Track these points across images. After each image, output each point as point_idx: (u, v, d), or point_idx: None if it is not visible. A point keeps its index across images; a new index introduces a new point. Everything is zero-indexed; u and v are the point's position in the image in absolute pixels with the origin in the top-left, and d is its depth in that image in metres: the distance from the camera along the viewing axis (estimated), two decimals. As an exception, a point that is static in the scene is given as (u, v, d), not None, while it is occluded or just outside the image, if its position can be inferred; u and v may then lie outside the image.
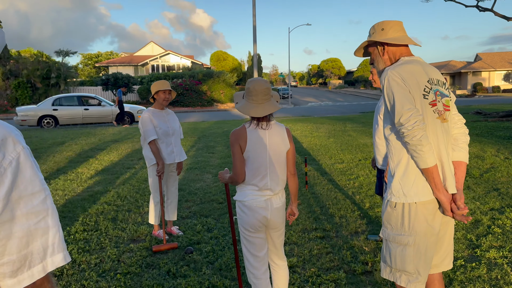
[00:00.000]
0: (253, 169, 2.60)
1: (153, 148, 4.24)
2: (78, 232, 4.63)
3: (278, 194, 2.69)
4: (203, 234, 4.49)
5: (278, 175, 2.65)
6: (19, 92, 29.31)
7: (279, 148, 2.65)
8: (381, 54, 2.28)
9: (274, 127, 2.66)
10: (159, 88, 4.27)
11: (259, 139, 2.60)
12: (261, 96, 2.59)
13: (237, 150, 2.60)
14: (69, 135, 13.14)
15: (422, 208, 2.06)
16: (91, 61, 65.50)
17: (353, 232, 4.52)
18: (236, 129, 2.64)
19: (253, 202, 2.61)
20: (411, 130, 1.95)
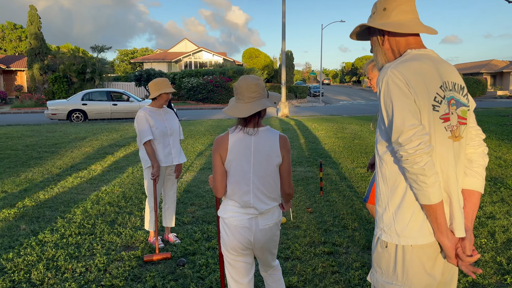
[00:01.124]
0: (233, 182, 2.23)
1: (148, 150, 3.94)
2: (72, 235, 4.40)
3: (267, 214, 2.28)
4: (201, 243, 4.16)
5: (264, 192, 2.24)
6: (55, 86, 30.09)
7: (267, 159, 2.22)
8: (380, 43, 1.76)
9: (264, 134, 2.24)
10: (163, 90, 3.94)
11: (242, 147, 2.20)
12: (246, 93, 2.18)
13: (217, 160, 2.24)
14: (92, 130, 13.17)
15: (419, 252, 1.60)
16: (127, 57, 66.79)
17: (366, 247, 4.06)
18: (219, 136, 2.28)
19: (234, 220, 2.24)
20: (413, 155, 1.48)
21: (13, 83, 37.45)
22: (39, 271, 3.57)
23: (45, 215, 5.07)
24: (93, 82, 30.59)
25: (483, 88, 41.99)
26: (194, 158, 8.63)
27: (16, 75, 37.90)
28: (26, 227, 4.64)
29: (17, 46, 53.30)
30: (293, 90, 37.32)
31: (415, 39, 1.71)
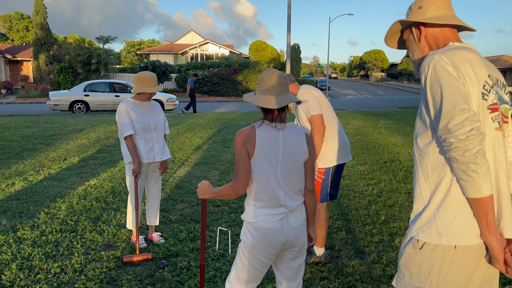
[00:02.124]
0: (261, 180, 2.07)
1: (128, 145, 3.72)
2: (53, 232, 4.22)
3: (296, 210, 2.14)
4: (185, 244, 3.95)
5: (294, 188, 2.12)
6: (61, 77, 30.01)
7: (295, 155, 2.11)
8: (417, 39, 1.69)
9: (290, 129, 2.13)
10: (144, 89, 3.70)
11: (272, 143, 2.06)
12: (277, 86, 2.08)
13: (243, 155, 2.06)
14: (91, 122, 13.01)
15: (462, 254, 1.47)
16: (134, 49, 66.64)
17: (359, 251, 3.84)
18: (244, 129, 2.11)
19: (264, 223, 2.07)
20: (464, 141, 1.36)
21: (19, 73, 37.47)
22: (11, 271, 3.39)
23: (28, 210, 4.89)
24: (98, 73, 30.46)
25: (493, 84, 41.24)
26: (190, 152, 8.43)
27: (22, 65, 37.93)
28: (6, 223, 4.47)
29: (24, 36, 53.35)
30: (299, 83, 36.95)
31: (453, 34, 1.65)
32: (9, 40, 53.18)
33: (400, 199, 5.29)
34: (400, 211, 4.87)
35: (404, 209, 4.94)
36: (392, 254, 3.74)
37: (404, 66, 64.01)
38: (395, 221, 4.56)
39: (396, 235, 4.18)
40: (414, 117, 14.47)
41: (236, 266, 2.17)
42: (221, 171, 6.76)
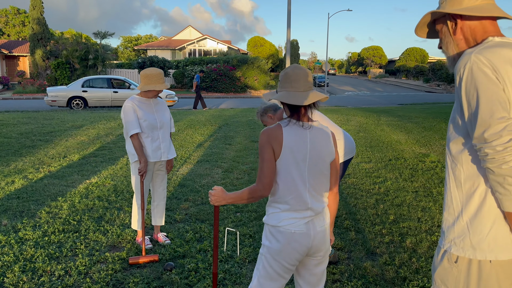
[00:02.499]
0: (288, 181, 1.96)
1: (135, 143, 3.62)
2: (56, 232, 4.11)
3: (321, 214, 2.05)
4: (192, 245, 3.86)
5: (320, 190, 2.03)
6: (58, 73, 29.76)
7: (323, 156, 2.01)
8: (451, 32, 1.55)
9: (318, 129, 2.03)
10: (152, 87, 3.58)
11: (299, 142, 1.96)
12: (303, 82, 1.98)
13: (269, 154, 1.95)
14: (90, 118, 12.87)
15: (498, 269, 1.39)
16: (131, 44, 66.25)
17: (370, 252, 3.75)
18: (269, 128, 1.99)
19: (290, 227, 1.96)
20: (502, 153, 1.28)
21: (16, 68, 37.14)
22: (14, 273, 3.29)
23: (29, 209, 4.78)
24: (95, 68, 30.24)
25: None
26: (192, 149, 8.32)
27: (19, 60, 37.60)
28: (7, 223, 4.36)
29: (20, 31, 52.92)
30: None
31: (493, 26, 1.49)
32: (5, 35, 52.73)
33: (408, 198, 5.21)
34: (409, 210, 4.79)
35: (412, 208, 4.86)
36: (404, 256, 3.66)
37: (402, 62, 63.95)
38: (404, 220, 4.47)
39: (406, 235, 4.10)
40: (415, 114, 14.41)
41: (259, 274, 2.06)
42: (225, 169, 6.66)
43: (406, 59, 65.03)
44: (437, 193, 5.42)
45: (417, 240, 3.98)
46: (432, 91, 39.93)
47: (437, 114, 14.61)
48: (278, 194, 1.98)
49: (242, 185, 5.75)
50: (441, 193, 5.40)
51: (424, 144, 8.84)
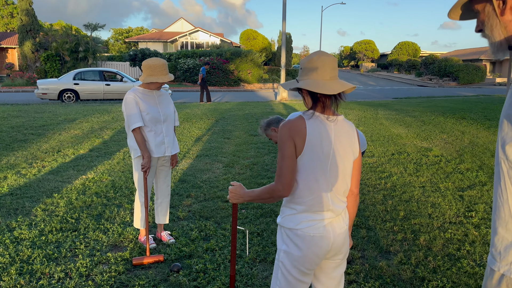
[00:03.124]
0: (309, 180, 1.79)
1: (137, 138, 3.42)
2: (53, 231, 3.90)
3: (341, 215, 1.89)
4: (198, 244, 3.68)
5: (341, 190, 1.86)
6: (48, 65, 29.24)
7: (347, 153, 1.85)
8: (498, 12, 1.30)
9: (343, 123, 1.85)
10: (155, 79, 3.37)
11: (323, 137, 1.78)
12: (329, 69, 1.78)
13: (290, 149, 1.77)
14: (83, 111, 12.57)
15: None
16: (122, 37, 65.41)
17: (383, 251, 3.61)
18: (291, 120, 1.79)
19: (309, 230, 1.79)
20: None
21: (4, 60, 36.42)
22: (11, 276, 3.09)
23: (24, 206, 4.56)
24: (86, 61, 29.73)
25: (482, 75, 41.44)
26: (191, 144, 8.12)
27: (7, 52, 36.87)
28: (1, 221, 4.14)
29: (8, 22, 51.89)
30: (291, 73, 36.62)
31: None
32: (-7, 26, 51.66)
33: (415, 194, 5.07)
34: (419, 206, 4.65)
35: (421, 204, 4.72)
36: (419, 254, 3.52)
37: (394, 56, 64.01)
38: (415, 217, 4.33)
39: (419, 232, 3.96)
40: (412, 108, 14.32)
41: (279, 283, 1.88)
42: (225, 164, 6.47)
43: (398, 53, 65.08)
44: (445, 188, 5.29)
45: (430, 238, 3.85)
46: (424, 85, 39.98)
47: (434, 108, 14.53)
48: (297, 194, 1.81)
49: (244, 180, 5.57)
50: (449, 189, 5.27)
51: (425, 138, 8.73)
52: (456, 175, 5.87)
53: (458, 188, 5.31)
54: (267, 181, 5.52)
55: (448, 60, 43.14)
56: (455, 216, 4.40)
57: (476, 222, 4.22)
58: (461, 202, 4.79)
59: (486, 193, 5.09)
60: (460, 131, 9.55)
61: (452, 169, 6.23)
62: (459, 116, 12.01)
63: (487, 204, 4.74)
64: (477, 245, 3.71)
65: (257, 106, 15.38)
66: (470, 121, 11.03)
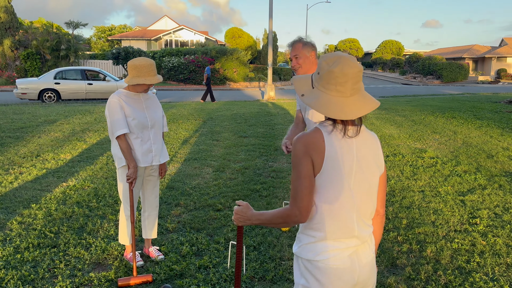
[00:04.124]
0: (330, 203, 1.53)
1: (122, 145, 3.10)
2: (30, 248, 3.56)
3: (367, 241, 1.62)
4: (190, 260, 3.38)
5: (367, 212, 1.61)
6: (28, 64, 28.45)
7: (372, 169, 1.60)
8: None
9: (365, 135, 1.60)
10: (142, 81, 3.05)
11: (344, 153, 1.52)
12: (351, 84, 1.51)
13: (307, 167, 1.50)
14: (64, 112, 12.09)
15: None
16: (104, 35, 64.28)
17: (390, 264, 3.37)
18: (307, 134, 1.53)
19: (333, 261, 1.53)
20: None
21: (-18, 59, 35.29)
22: (-20, 304, 2.75)
23: (-2, 219, 4.20)
24: (68, 59, 29.03)
25: (465, 73, 41.88)
26: (178, 147, 7.78)
27: (-15, 51, 35.71)
28: (-28, 237, 3.77)
29: (-14, 20, 50.39)
30: (277, 72, 36.38)
31: None
32: (-30, 24, 50.11)
33: (416, 199, 4.86)
34: (421, 213, 4.43)
35: (423, 210, 4.51)
36: (428, 268, 3.29)
37: (378, 55, 64.40)
38: (419, 225, 4.11)
39: (425, 243, 3.74)
40: (401, 107, 14.20)
41: None
42: (215, 168, 6.17)
43: (382, 51, 65.47)
44: (445, 192, 5.10)
45: (437, 249, 3.62)
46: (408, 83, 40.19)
47: (422, 107, 14.45)
48: (316, 219, 1.54)
49: (236, 186, 5.29)
50: (449, 193, 5.08)
51: (417, 138, 8.57)
52: (455, 178, 5.68)
53: (458, 193, 5.11)
54: (261, 187, 5.24)
55: (431, 58, 43.46)
56: (459, 223, 4.19)
57: (482, 230, 4.02)
58: (464, 208, 4.59)
59: (488, 198, 4.91)
60: (452, 131, 9.43)
61: (449, 171, 6.05)
62: (449, 115, 11.91)
63: (490, 209, 4.56)
64: (486, 256, 3.50)
65: (244, 106, 15.08)
66: (461, 121, 10.93)
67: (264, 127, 10.02)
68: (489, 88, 30.49)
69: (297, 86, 1.63)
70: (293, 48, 3.06)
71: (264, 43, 47.48)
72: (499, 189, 5.24)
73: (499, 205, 4.70)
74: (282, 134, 9.01)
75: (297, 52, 3.03)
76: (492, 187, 5.31)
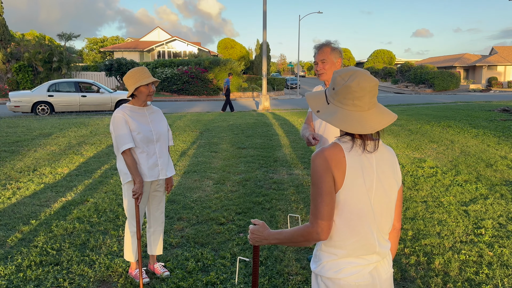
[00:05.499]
0: (352, 219, 1.51)
1: (127, 160, 3.06)
2: (32, 266, 3.48)
3: (386, 257, 1.63)
4: (196, 277, 3.32)
5: (386, 228, 1.60)
6: (20, 76, 28.29)
7: (391, 183, 1.59)
8: None
9: (382, 150, 1.60)
10: (140, 83, 3.05)
11: (365, 167, 1.51)
12: (368, 98, 1.50)
13: (328, 184, 1.48)
14: (59, 125, 11.98)
15: None
16: (96, 46, 64.23)
17: (400, 278, 3.34)
18: (327, 150, 1.50)
19: (354, 279, 1.52)
20: None
21: (-27, 72, 35.03)
22: (-17, 326, 2.67)
23: (-2, 236, 4.11)
24: (60, 71, 28.91)
25: (457, 81, 42.35)
26: (176, 159, 7.73)
27: (-23, 63, 35.47)
28: (-29, 255, 3.68)
29: (-23, 32, 50.15)
30: (270, 82, 36.53)
31: None
32: (-39, 36, 49.81)
33: (419, 210, 4.85)
34: (425, 224, 4.41)
35: (428, 221, 4.49)
36: (437, 280, 3.26)
37: (370, 64, 64.93)
38: (424, 237, 4.09)
39: (432, 254, 3.71)
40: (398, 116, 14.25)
41: None
42: (216, 181, 6.12)
43: (374, 61, 66.05)
44: (448, 203, 5.09)
45: (445, 260, 3.60)
46: (401, 92, 40.52)
47: (417, 116, 14.54)
48: (336, 236, 1.52)
49: (238, 199, 5.24)
50: (452, 203, 5.07)
51: (415, 148, 8.59)
52: (456, 188, 5.68)
53: (461, 203, 5.11)
54: (263, 199, 5.20)
55: (423, 67, 43.93)
56: (465, 234, 4.18)
57: (488, 240, 4.01)
58: (468, 218, 4.58)
59: (491, 208, 4.91)
60: (449, 140, 9.47)
61: (450, 181, 6.06)
62: (444, 125, 11.99)
63: (494, 219, 4.55)
64: (495, 267, 3.48)
65: (240, 117, 15.07)
66: (457, 130, 11.00)
67: (262, 138, 10.00)
68: (481, 96, 30.80)
69: (311, 103, 1.61)
70: (321, 51, 2.94)
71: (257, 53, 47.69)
72: (501, 199, 5.24)
73: (503, 214, 4.70)
74: (280, 145, 8.99)
75: (324, 56, 2.92)
76: (494, 197, 5.32)
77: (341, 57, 2.97)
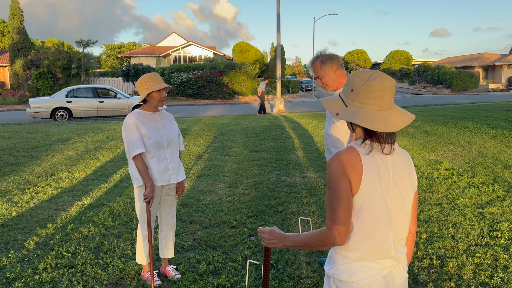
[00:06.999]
0: (368, 224, 1.51)
1: (138, 165, 3.11)
2: (48, 269, 3.56)
3: (402, 262, 1.62)
4: (207, 280, 3.35)
5: (402, 232, 1.59)
6: (40, 83, 28.90)
7: (407, 187, 1.57)
8: None
9: (398, 153, 1.59)
10: (152, 88, 3.11)
11: (381, 171, 1.51)
12: (388, 97, 1.51)
13: (345, 188, 1.48)
14: (77, 130, 12.22)
15: None
16: (114, 52, 65.26)
17: (412, 280, 3.30)
18: (342, 153, 1.50)
19: (367, 282, 1.52)
20: None
21: (-5, 79, 35.98)
22: (0, 327, 2.74)
23: (16, 239, 4.21)
24: (79, 77, 29.46)
25: (475, 81, 41.66)
26: (190, 163, 7.80)
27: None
28: (-10, 258, 3.79)
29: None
30: (285, 85, 36.52)
31: None
32: (-16, 45, 51.26)
33: (433, 213, 4.78)
34: (440, 227, 4.36)
35: (442, 224, 4.43)
36: (450, 283, 3.22)
37: (386, 65, 64.30)
38: (438, 240, 4.04)
39: (445, 257, 3.66)
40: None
41: None
42: (229, 184, 6.15)
43: (391, 61, 65.37)
44: (463, 205, 5.01)
45: (459, 264, 3.55)
46: (418, 93, 40.05)
47: (434, 117, 14.34)
48: (352, 240, 1.52)
49: (250, 202, 5.26)
50: (467, 205, 4.99)
51: (431, 150, 8.48)
52: (472, 190, 5.59)
53: (476, 205, 5.03)
54: (275, 202, 5.21)
55: (441, 67, 43.33)
56: (480, 237, 4.11)
57: (504, 243, 3.93)
58: (483, 221, 4.50)
59: (508, 210, 4.82)
60: (466, 141, 9.32)
61: (466, 183, 5.96)
62: (462, 125, 11.80)
63: (511, 222, 4.46)
64: (510, 270, 3.42)
65: (255, 120, 15.11)
66: (474, 131, 10.82)
67: (275, 141, 10.02)
68: (501, 96, 30.21)
69: (328, 108, 1.59)
70: (314, 69, 3.10)
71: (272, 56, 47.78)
72: (518, 201, 5.14)
73: (520, 217, 4.60)
74: (293, 148, 8.99)
75: (317, 73, 3.08)
76: (511, 199, 5.22)
77: (334, 62, 3.07)
